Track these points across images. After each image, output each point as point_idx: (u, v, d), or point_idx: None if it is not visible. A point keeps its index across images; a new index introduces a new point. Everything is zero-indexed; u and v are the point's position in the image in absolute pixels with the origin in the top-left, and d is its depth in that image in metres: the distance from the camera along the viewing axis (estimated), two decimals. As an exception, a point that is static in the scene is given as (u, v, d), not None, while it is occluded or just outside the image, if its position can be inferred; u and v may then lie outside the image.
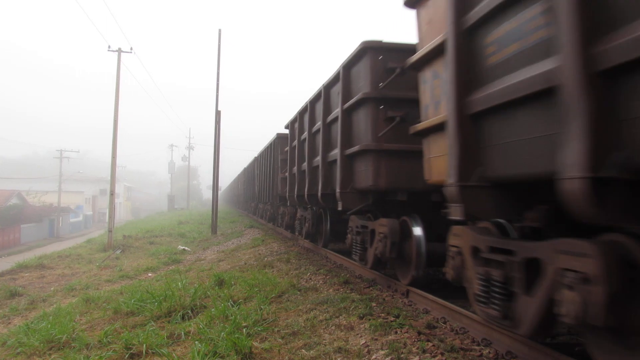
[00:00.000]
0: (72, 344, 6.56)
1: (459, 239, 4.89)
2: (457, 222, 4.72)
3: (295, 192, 12.76)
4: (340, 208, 8.51)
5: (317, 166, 10.01)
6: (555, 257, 3.50)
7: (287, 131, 15.21)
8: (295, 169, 12.97)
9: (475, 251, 4.58)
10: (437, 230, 6.83)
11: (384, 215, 7.71)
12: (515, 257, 4.01)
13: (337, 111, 8.61)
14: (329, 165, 9.49)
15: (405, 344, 4.68)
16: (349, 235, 9.22)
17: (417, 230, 6.92)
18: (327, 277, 8.67)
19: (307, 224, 13.15)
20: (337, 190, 8.39)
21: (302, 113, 12.26)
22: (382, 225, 7.39)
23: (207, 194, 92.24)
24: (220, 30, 26.30)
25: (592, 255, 3.14)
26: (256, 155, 26.89)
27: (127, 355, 5.70)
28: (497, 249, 4.26)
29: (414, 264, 6.89)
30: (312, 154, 10.92)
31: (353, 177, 8.12)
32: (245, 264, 12.16)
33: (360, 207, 8.23)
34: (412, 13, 5.37)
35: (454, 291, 6.39)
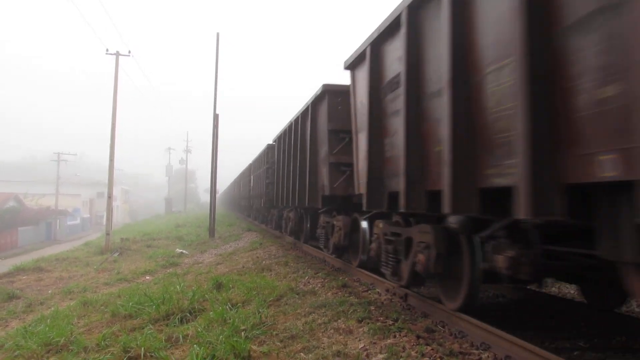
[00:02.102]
0: (70, 347, 6.54)
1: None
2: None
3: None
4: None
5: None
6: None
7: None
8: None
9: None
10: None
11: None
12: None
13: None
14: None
15: (404, 347, 4.68)
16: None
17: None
18: (326, 280, 8.67)
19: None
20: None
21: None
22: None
23: (205, 197, 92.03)
24: (218, 34, 26.36)
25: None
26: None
27: (125, 359, 5.69)
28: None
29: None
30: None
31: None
32: (244, 267, 12.15)
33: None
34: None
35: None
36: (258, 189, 23.71)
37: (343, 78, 21.79)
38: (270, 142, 21.82)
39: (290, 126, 14.24)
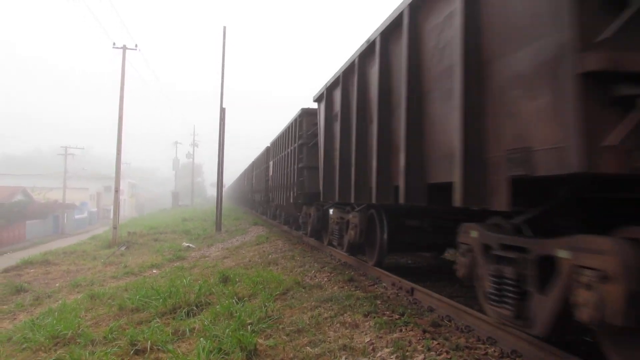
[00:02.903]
0: (78, 340, 6.58)
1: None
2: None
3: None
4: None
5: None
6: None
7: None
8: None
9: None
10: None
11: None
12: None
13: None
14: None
15: (410, 342, 4.68)
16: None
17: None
18: (332, 274, 8.67)
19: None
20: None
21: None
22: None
23: (211, 191, 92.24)
24: (225, 28, 26.35)
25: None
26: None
27: (132, 352, 5.73)
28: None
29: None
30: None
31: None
32: (250, 261, 12.18)
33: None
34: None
35: (458, 289, 6.38)
36: (279, 179, 17.70)
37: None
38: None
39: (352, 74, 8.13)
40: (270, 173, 20.96)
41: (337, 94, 8.85)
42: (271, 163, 20.87)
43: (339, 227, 10.19)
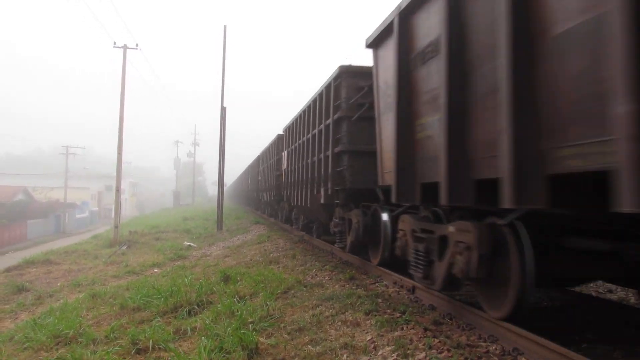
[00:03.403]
0: (79, 339, 6.59)
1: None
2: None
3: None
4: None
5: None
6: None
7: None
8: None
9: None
10: None
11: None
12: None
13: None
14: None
15: (411, 340, 4.67)
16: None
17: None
18: (333, 273, 8.67)
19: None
20: None
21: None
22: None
23: (212, 191, 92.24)
24: (225, 27, 26.40)
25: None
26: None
27: (133, 351, 5.73)
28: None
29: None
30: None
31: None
32: (251, 260, 12.18)
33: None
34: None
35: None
36: (297, 172, 14.02)
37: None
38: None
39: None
40: (284, 166, 16.99)
41: (430, 17, 5.36)
42: (285, 154, 16.95)
43: (426, 249, 6.13)
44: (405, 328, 5.09)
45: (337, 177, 9.55)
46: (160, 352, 5.62)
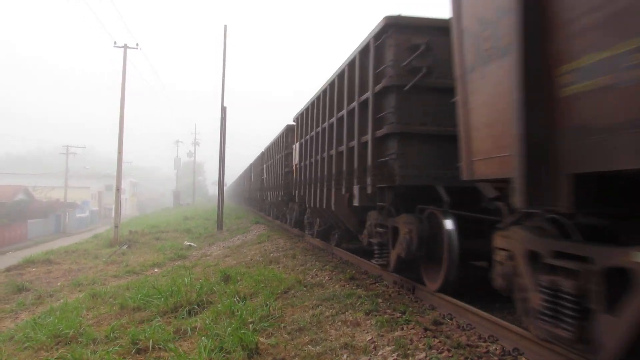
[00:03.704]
0: (79, 339, 6.58)
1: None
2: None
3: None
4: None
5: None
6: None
7: None
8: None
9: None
10: None
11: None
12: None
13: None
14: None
15: (411, 340, 4.67)
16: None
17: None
18: (333, 273, 8.67)
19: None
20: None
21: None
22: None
23: (213, 190, 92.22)
24: (225, 27, 26.40)
25: None
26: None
27: (133, 351, 5.73)
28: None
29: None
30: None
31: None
32: (251, 259, 12.18)
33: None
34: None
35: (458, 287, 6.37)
36: (316, 167, 11.35)
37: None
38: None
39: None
40: (296, 161, 14.30)
41: None
42: (296, 147, 14.36)
43: (578, 290, 3.50)
44: (405, 328, 5.10)
45: (381, 171, 7.14)
46: (160, 352, 5.62)
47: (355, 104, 8.23)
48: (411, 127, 6.74)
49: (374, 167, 7.28)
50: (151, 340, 5.79)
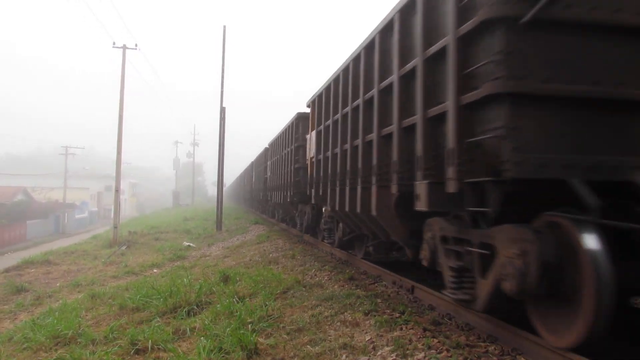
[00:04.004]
0: (78, 340, 6.57)
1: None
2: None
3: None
4: None
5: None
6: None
7: None
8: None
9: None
10: None
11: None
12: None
13: None
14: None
15: (410, 340, 4.67)
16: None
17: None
18: (332, 273, 8.67)
19: None
20: None
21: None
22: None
23: (212, 191, 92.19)
24: (225, 27, 26.37)
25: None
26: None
27: (132, 351, 5.72)
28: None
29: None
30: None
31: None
32: (250, 260, 12.18)
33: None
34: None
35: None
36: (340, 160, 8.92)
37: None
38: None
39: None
40: (311, 154, 11.93)
41: None
42: (311, 136, 11.90)
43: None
44: (404, 328, 5.09)
45: (474, 157, 4.52)
46: (159, 352, 5.61)
47: (417, 60, 5.63)
48: (531, 84, 4.11)
49: (460, 150, 4.63)
50: (150, 341, 5.78)
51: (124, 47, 27.64)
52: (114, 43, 27.81)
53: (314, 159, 11.56)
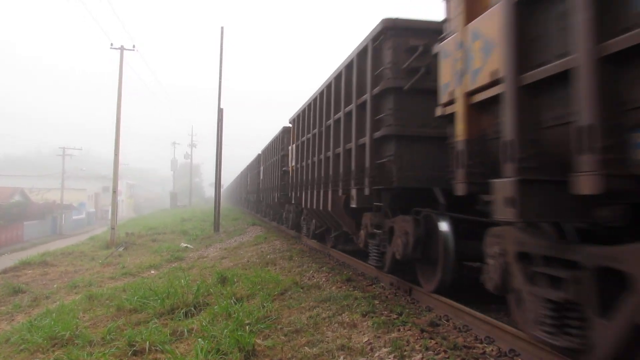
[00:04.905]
0: (76, 341, 6.57)
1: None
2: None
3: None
4: None
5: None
6: None
7: None
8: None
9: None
10: None
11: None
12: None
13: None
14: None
15: (408, 341, 4.68)
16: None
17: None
18: (330, 274, 8.67)
19: None
20: None
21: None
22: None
23: (210, 192, 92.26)
24: (222, 28, 26.37)
25: None
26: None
27: (130, 352, 5.71)
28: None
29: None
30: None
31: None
32: (248, 261, 12.17)
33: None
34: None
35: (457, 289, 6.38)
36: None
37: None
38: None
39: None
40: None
41: None
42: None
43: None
44: (402, 329, 5.10)
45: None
46: (156, 353, 5.61)
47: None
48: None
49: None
50: (148, 342, 5.77)
51: (122, 49, 27.60)
52: (111, 44, 27.77)
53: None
